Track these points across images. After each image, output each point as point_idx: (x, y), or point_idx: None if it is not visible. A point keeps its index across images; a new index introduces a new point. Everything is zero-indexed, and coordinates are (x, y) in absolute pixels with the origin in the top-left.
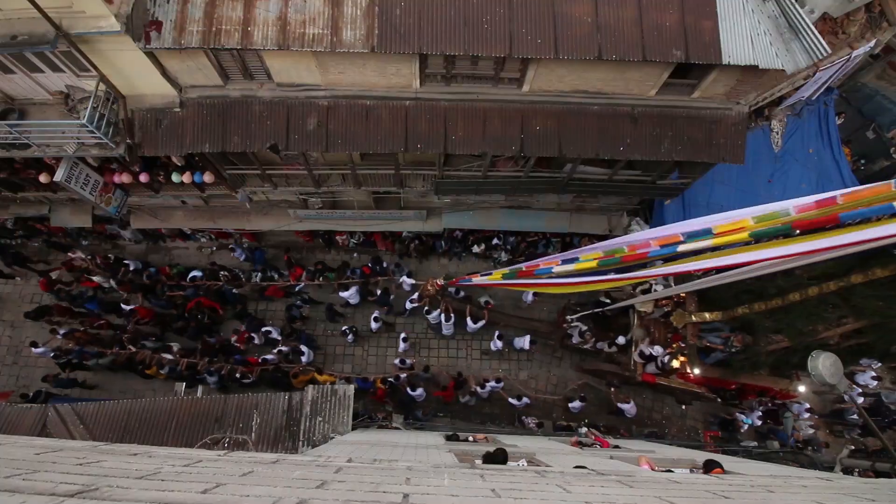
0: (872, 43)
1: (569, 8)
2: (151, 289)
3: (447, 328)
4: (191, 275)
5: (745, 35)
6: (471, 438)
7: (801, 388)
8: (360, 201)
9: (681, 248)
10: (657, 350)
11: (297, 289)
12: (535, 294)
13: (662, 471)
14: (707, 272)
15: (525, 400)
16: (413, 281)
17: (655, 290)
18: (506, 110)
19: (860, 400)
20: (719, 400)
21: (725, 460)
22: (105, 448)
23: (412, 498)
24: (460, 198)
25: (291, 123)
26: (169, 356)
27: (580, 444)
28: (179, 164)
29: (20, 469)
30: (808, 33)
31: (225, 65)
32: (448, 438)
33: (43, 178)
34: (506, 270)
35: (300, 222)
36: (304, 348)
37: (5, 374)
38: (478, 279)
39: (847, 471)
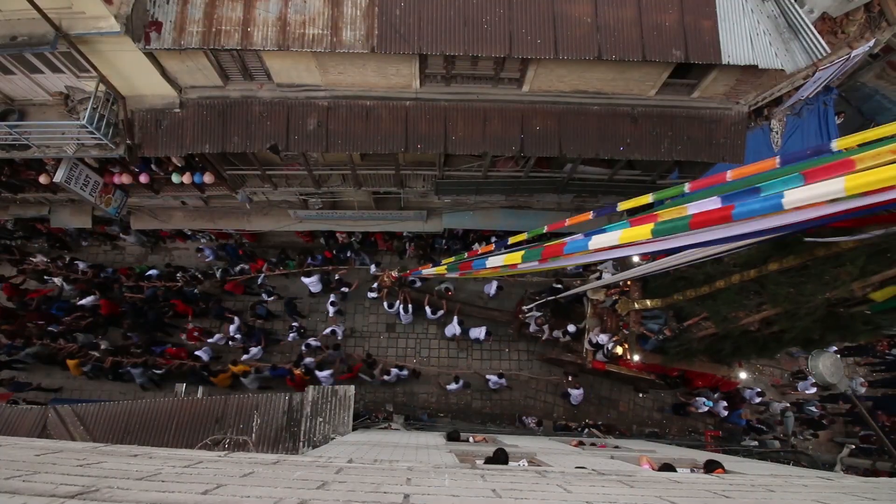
0: (872, 42)
1: (568, 8)
2: (108, 289)
3: (406, 318)
4: (147, 272)
5: (745, 35)
6: (471, 440)
7: (742, 375)
8: (360, 201)
9: (592, 242)
10: (603, 338)
11: (259, 282)
12: (498, 287)
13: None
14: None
15: (461, 382)
16: (376, 271)
17: (604, 277)
18: (506, 110)
19: (812, 391)
20: (666, 386)
21: (726, 460)
22: (105, 449)
23: (413, 498)
24: (460, 198)
25: (291, 124)
26: (96, 353)
27: (581, 444)
28: (179, 165)
29: (20, 470)
30: (807, 33)
31: (225, 65)
32: (449, 438)
33: (43, 179)
34: (451, 260)
35: (300, 223)
36: (252, 348)
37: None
38: (427, 270)
39: (815, 465)
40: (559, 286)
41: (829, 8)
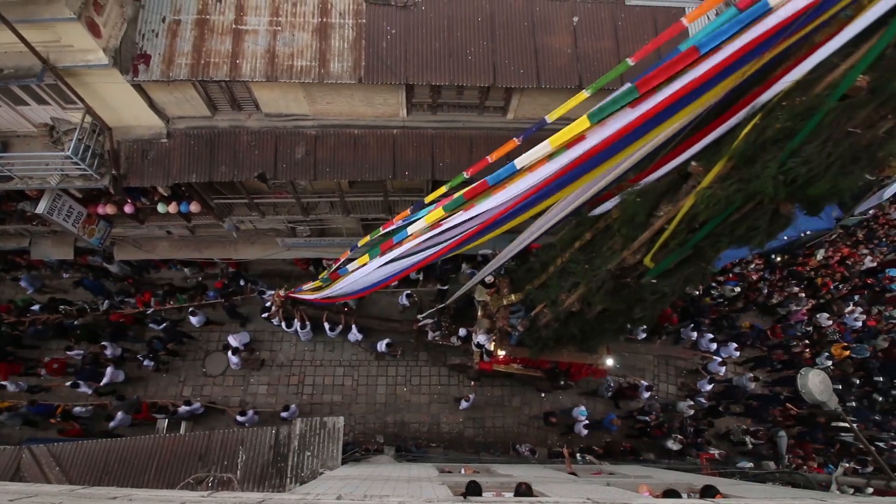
0: None
1: (549, 40)
2: None
3: (304, 335)
4: (31, 306)
5: None
6: (463, 471)
7: (609, 362)
8: (348, 228)
9: (410, 228)
10: (482, 338)
11: (148, 313)
12: (408, 296)
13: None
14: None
15: (293, 408)
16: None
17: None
18: (492, 137)
19: (708, 387)
20: (550, 380)
21: (721, 483)
22: (83, 492)
23: None
24: None
25: (279, 152)
26: None
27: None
28: (165, 195)
29: None
30: None
31: (213, 96)
32: (442, 473)
33: None
34: (324, 274)
35: (288, 251)
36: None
37: None
38: (307, 286)
39: (810, 486)
40: (444, 287)
41: None
